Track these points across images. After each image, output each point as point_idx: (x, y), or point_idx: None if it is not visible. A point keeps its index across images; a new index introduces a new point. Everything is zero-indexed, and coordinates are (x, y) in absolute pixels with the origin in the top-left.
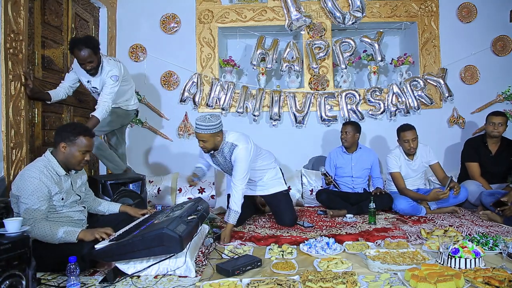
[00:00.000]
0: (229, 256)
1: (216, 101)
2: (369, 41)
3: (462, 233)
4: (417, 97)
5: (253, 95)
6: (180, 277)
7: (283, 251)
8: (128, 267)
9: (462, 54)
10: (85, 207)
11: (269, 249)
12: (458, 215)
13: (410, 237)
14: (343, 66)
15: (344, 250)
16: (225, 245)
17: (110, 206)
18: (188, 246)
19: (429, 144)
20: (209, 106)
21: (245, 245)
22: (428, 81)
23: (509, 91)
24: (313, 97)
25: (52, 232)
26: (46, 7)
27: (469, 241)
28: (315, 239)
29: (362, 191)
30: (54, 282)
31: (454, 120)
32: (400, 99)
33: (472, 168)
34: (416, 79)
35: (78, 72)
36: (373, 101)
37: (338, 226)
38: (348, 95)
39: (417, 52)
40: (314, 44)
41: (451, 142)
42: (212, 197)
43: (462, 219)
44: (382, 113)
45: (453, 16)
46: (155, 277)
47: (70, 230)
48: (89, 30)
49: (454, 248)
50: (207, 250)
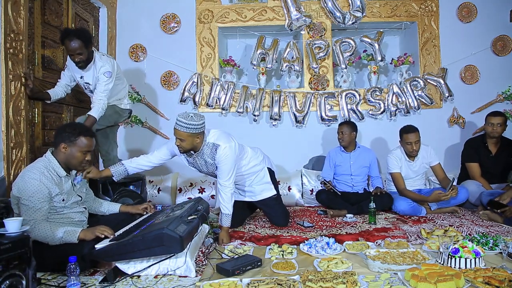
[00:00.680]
0: (229, 256)
1: (216, 101)
2: (369, 41)
3: (462, 233)
4: (417, 97)
5: (253, 95)
6: (180, 277)
7: (283, 251)
8: (128, 267)
9: (462, 54)
10: (86, 208)
11: (269, 249)
12: (458, 215)
13: (410, 237)
14: (343, 66)
15: (344, 250)
16: (225, 245)
17: (110, 206)
18: (188, 246)
19: (429, 144)
20: (209, 106)
21: (245, 245)
22: (428, 81)
23: (509, 91)
24: (313, 97)
25: (52, 233)
26: (46, 7)
27: (469, 241)
28: (315, 239)
29: (362, 191)
30: (54, 282)
31: (454, 120)
32: (400, 99)
33: (472, 168)
34: (416, 79)
35: (71, 68)
36: (373, 101)
37: (338, 226)
38: (348, 95)
39: (417, 52)
40: (314, 44)
41: (451, 142)
42: (212, 196)
43: (462, 219)
44: (382, 113)
45: (453, 16)
46: (155, 277)
47: (70, 230)
48: (89, 30)
49: (454, 248)
50: (207, 250)
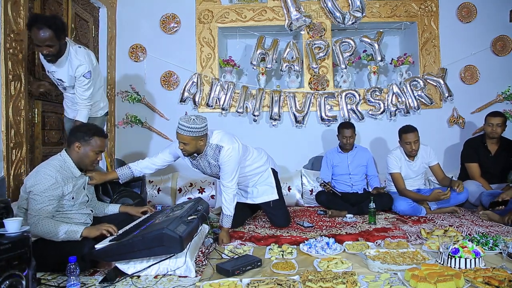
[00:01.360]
0: (229, 256)
1: (216, 101)
2: (369, 41)
3: (462, 233)
4: (417, 97)
5: (253, 95)
6: (180, 277)
7: (283, 251)
8: (128, 267)
9: (462, 54)
10: (92, 211)
11: (269, 249)
12: (458, 215)
13: (410, 237)
14: (343, 66)
15: (344, 250)
16: (225, 245)
17: (110, 207)
18: (188, 246)
19: (429, 144)
20: (209, 106)
21: (245, 245)
22: (428, 81)
23: (509, 91)
24: (313, 97)
25: (56, 229)
26: (46, 7)
27: (469, 241)
28: (315, 239)
29: (362, 191)
30: (54, 282)
31: (454, 120)
32: (400, 99)
33: (472, 169)
34: (416, 79)
35: (44, 64)
36: (373, 101)
37: (338, 226)
38: (348, 95)
39: (417, 52)
40: (314, 44)
41: (451, 142)
42: (212, 197)
43: (462, 219)
44: (382, 113)
45: (453, 16)
46: (155, 277)
47: (73, 228)
48: (89, 30)
49: (454, 248)
50: (207, 250)
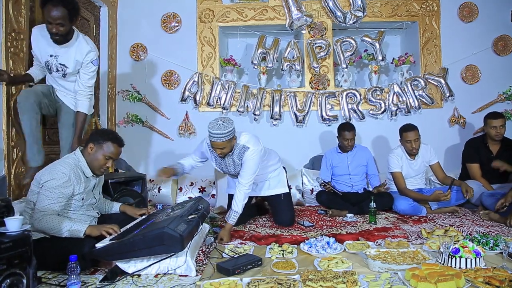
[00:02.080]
0: (229, 255)
1: (216, 100)
2: (370, 40)
3: (462, 232)
4: (418, 96)
5: (253, 95)
6: (180, 276)
7: (284, 251)
8: (128, 266)
9: (463, 53)
10: (98, 213)
11: (269, 248)
12: (459, 215)
13: (411, 236)
14: (344, 66)
15: (344, 249)
16: (225, 244)
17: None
18: (188, 245)
19: (429, 144)
20: (210, 105)
21: (245, 244)
22: (429, 80)
23: (510, 91)
24: (313, 96)
25: (59, 225)
26: None
27: (469, 240)
28: (316, 239)
29: (362, 191)
30: (55, 280)
31: (455, 120)
32: (401, 99)
33: (473, 169)
34: (417, 79)
35: (39, 43)
36: (374, 100)
37: (338, 225)
38: (349, 95)
39: (418, 51)
40: (315, 43)
41: (452, 142)
42: (212, 196)
43: (462, 219)
44: (383, 112)
45: (454, 15)
46: (156, 276)
47: (76, 227)
48: (90, 29)
49: (455, 247)
50: (208, 249)
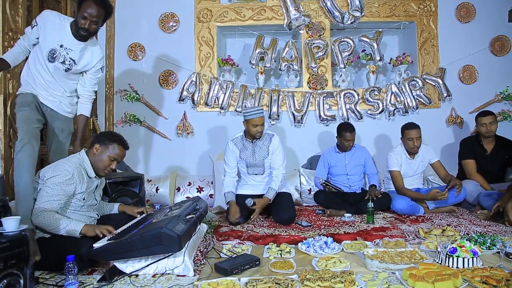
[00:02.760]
0: (227, 255)
1: (214, 100)
2: (368, 40)
3: (460, 232)
4: (415, 96)
5: (251, 94)
6: (178, 276)
7: (282, 250)
8: (126, 266)
9: (461, 54)
10: (98, 215)
11: (267, 248)
12: (456, 215)
13: (408, 236)
14: (342, 66)
15: (342, 249)
16: (223, 244)
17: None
18: (186, 245)
19: (428, 143)
20: (208, 105)
21: (243, 244)
22: (426, 80)
23: (507, 91)
24: (311, 96)
25: (56, 222)
26: (45, 6)
27: (467, 240)
28: (313, 238)
29: (360, 191)
30: (52, 281)
31: (453, 120)
32: (398, 99)
33: (468, 165)
34: (414, 79)
35: (46, 30)
36: (371, 100)
37: (336, 225)
38: (346, 95)
39: (415, 51)
40: (313, 43)
41: (450, 142)
42: (210, 196)
43: (460, 219)
44: (380, 112)
45: (451, 16)
46: (154, 276)
47: (73, 227)
48: None
49: (452, 247)
50: (206, 249)
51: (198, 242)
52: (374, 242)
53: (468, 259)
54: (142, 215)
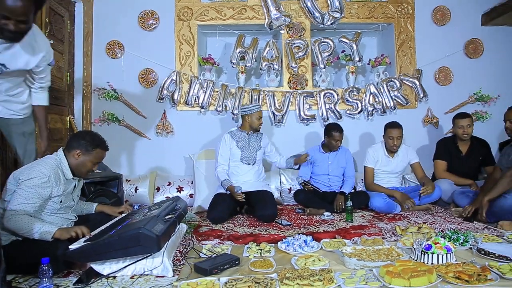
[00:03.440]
0: (207, 255)
1: (195, 99)
2: (347, 41)
3: (435, 229)
4: (393, 97)
5: (232, 94)
6: (157, 277)
7: (261, 250)
8: (103, 268)
9: (437, 55)
10: (76, 217)
11: (247, 247)
12: (432, 212)
13: (386, 234)
14: (322, 66)
15: (321, 247)
16: (202, 244)
17: (86, 206)
18: (165, 246)
19: (404, 143)
20: (188, 104)
21: (223, 243)
22: (404, 81)
23: (480, 93)
24: (292, 96)
25: (29, 225)
26: None
27: (441, 237)
28: (293, 237)
29: (339, 190)
30: (26, 284)
31: (429, 120)
32: (377, 99)
33: (437, 165)
34: (392, 80)
35: None
36: (351, 100)
37: (316, 224)
38: (326, 95)
39: (393, 53)
40: (294, 43)
41: (426, 142)
42: (190, 195)
43: (435, 216)
44: (359, 112)
45: (428, 18)
46: (132, 277)
47: (46, 229)
48: (64, 25)
49: (427, 244)
50: (185, 249)
51: (178, 242)
52: (353, 240)
53: (442, 256)
54: (122, 215)
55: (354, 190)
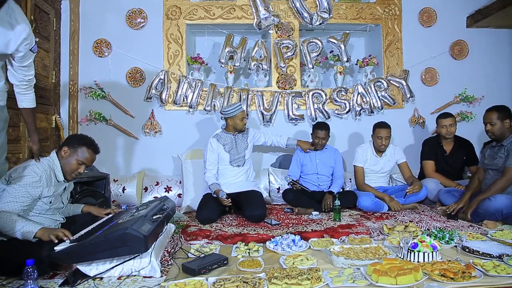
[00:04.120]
0: (195, 255)
1: (183, 98)
2: (335, 42)
3: (421, 228)
4: (380, 97)
5: (221, 93)
6: (145, 277)
7: (250, 249)
8: (90, 269)
9: (423, 56)
10: (64, 219)
11: (235, 247)
12: (418, 211)
13: (373, 233)
14: (310, 66)
15: (309, 247)
16: (191, 244)
17: (72, 207)
18: (153, 246)
19: (392, 143)
20: (176, 104)
21: (211, 243)
22: (391, 82)
23: (465, 93)
24: (280, 96)
25: (13, 225)
26: None
27: (427, 235)
28: (281, 237)
29: (328, 189)
30: (10, 287)
31: (415, 120)
32: (364, 99)
33: (426, 165)
34: (380, 80)
35: None
36: (339, 100)
37: (304, 223)
38: (314, 95)
39: (381, 53)
40: (282, 43)
41: (413, 142)
42: (179, 195)
43: (421, 215)
44: (347, 112)
45: (415, 20)
46: (119, 278)
47: (29, 228)
48: (50, 23)
49: (414, 242)
50: (173, 250)
51: (166, 243)
52: (340, 239)
53: (428, 254)
54: (109, 216)
55: (342, 190)
